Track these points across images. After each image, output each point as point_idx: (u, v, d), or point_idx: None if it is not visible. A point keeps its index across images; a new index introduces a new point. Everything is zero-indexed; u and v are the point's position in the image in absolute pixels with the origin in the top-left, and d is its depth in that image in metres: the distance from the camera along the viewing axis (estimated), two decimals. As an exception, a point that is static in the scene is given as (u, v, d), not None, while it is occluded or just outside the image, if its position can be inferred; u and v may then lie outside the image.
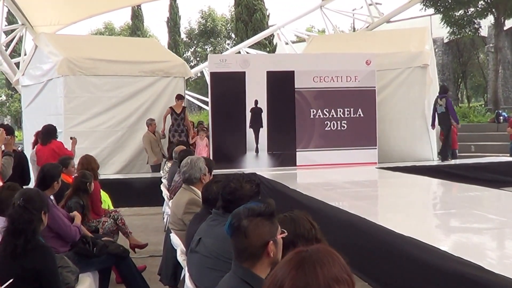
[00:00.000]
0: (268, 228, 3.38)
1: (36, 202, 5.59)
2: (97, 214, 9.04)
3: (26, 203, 5.40)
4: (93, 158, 9.92)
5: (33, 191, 6.10)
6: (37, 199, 5.67)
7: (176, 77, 19.11)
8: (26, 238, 5.12)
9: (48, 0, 23.47)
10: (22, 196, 5.52)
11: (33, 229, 5.24)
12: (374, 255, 7.41)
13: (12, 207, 5.43)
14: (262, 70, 17.67)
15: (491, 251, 6.30)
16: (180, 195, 6.88)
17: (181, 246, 5.49)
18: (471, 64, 55.32)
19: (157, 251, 9.34)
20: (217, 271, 4.26)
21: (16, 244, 5.08)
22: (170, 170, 11.51)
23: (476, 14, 35.84)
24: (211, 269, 4.37)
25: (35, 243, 5.20)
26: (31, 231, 5.20)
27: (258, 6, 45.55)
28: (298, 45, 34.93)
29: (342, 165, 17.40)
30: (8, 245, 5.10)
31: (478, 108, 36.64)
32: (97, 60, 18.09)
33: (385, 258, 7.08)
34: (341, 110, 18.01)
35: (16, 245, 5.08)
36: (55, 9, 24.02)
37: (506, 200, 10.75)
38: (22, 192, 5.77)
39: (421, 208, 10.34)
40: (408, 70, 18.89)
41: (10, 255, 5.06)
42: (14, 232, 5.14)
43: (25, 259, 5.08)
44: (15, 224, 5.16)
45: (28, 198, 5.51)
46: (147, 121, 17.69)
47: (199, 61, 59.75)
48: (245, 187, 4.72)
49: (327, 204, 9.86)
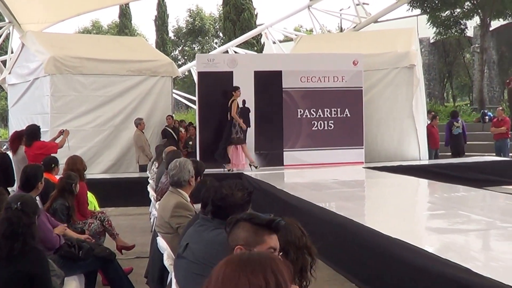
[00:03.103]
0: (244, 235, 3.32)
1: (32, 206, 5.59)
2: (83, 216, 8.97)
3: (24, 207, 5.39)
4: (79, 159, 9.84)
5: (27, 195, 6.10)
6: (32, 203, 5.68)
7: (163, 76, 19.11)
8: (25, 241, 5.11)
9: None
10: (18, 200, 5.50)
11: (31, 233, 5.23)
12: (362, 256, 7.44)
13: (7, 211, 5.39)
14: (250, 70, 17.67)
15: (478, 253, 6.34)
16: (167, 198, 6.84)
17: (167, 250, 5.47)
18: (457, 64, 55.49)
19: (143, 252, 9.30)
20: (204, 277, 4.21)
21: (13, 247, 5.06)
22: (158, 171, 11.47)
23: (462, 15, 36.04)
24: (198, 275, 4.33)
25: (31, 246, 5.19)
26: (30, 234, 5.20)
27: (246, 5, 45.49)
28: (285, 45, 34.96)
29: (329, 165, 17.44)
30: (3, 248, 5.08)
31: (464, 107, 36.76)
32: (84, 59, 18.06)
33: (373, 260, 7.10)
34: (328, 110, 18.04)
35: (13, 247, 5.06)
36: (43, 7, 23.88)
37: (492, 200, 10.85)
38: (18, 196, 5.78)
39: (408, 209, 10.39)
40: (395, 70, 18.96)
41: (6, 257, 5.05)
42: (12, 235, 5.12)
43: (20, 262, 5.06)
44: (14, 227, 5.15)
45: (25, 202, 5.49)
46: (135, 121, 17.65)
47: (187, 59, 59.70)
48: (236, 194, 4.68)
49: (314, 205, 9.88)
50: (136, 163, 17.78)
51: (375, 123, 18.91)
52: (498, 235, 7.24)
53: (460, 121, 21.99)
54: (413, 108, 18.86)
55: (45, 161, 9.93)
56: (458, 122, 21.59)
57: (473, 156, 21.51)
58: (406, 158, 18.80)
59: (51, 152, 11.86)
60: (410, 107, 18.87)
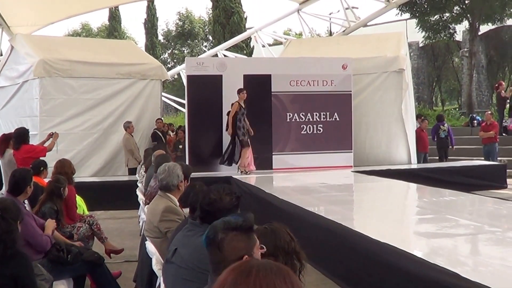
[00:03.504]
0: (244, 243, 3.32)
1: (13, 211, 5.53)
2: (71, 220, 8.95)
3: (4, 213, 5.34)
4: (68, 162, 9.80)
5: (8, 200, 6.05)
6: (14, 208, 5.62)
7: (153, 80, 19.13)
8: (6, 246, 5.08)
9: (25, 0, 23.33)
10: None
11: (12, 238, 5.20)
12: (350, 261, 7.44)
13: None
14: (239, 74, 17.67)
15: (467, 257, 6.35)
16: (156, 202, 6.82)
17: (156, 254, 5.46)
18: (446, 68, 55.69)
19: (132, 256, 9.31)
20: (193, 282, 4.23)
21: None
22: (147, 174, 11.45)
23: (451, 19, 36.12)
24: (186, 280, 4.33)
25: (14, 250, 5.16)
26: (11, 240, 5.17)
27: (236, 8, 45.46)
28: (275, 48, 34.99)
29: (318, 169, 17.45)
30: None
31: (453, 111, 36.87)
32: (74, 62, 18.05)
33: (361, 264, 7.10)
34: (317, 114, 18.07)
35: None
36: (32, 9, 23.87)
37: (480, 204, 10.86)
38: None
39: (397, 213, 10.40)
40: (384, 74, 19.02)
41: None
42: None
43: (4, 266, 5.04)
44: None
45: (5, 208, 5.44)
46: (124, 124, 17.65)
47: (176, 63, 59.66)
48: (224, 199, 4.68)
49: (303, 209, 9.88)
50: (125, 166, 17.78)
51: (364, 127, 18.97)
52: (486, 239, 7.25)
53: (446, 124, 22.50)
54: (402, 112, 18.90)
55: (33, 164, 9.92)
56: (444, 126, 22.08)
57: (462, 160, 21.58)
58: (395, 162, 18.84)
59: (39, 155, 11.83)
60: (399, 111, 18.93)
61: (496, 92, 26.51)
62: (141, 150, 17.24)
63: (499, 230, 7.77)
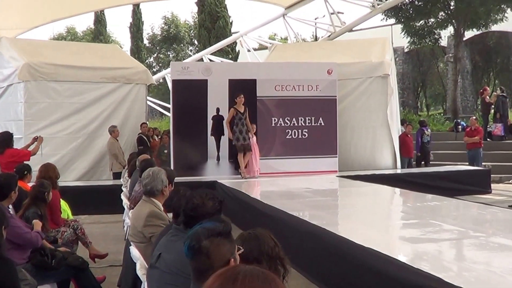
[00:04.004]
0: (228, 247, 3.36)
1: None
2: (56, 224, 8.93)
3: None
4: (52, 167, 9.78)
5: None
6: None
7: (138, 84, 19.11)
8: None
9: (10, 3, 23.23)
10: None
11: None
12: (335, 265, 7.45)
13: None
14: (224, 78, 17.72)
15: (451, 262, 6.36)
16: (140, 207, 6.80)
17: (140, 259, 5.45)
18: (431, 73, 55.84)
19: (117, 260, 9.26)
20: (177, 287, 4.23)
21: None
22: (131, 179, 11.42)
23: (436, 25, 36.29)
24: (170, 285, 4.32)
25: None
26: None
27: (222, 13, 45.46)
28: (260, 53, 34.95)
29: (303, 173, 17.47)
30: None
31: (437, 117, 36.97)
32: (59, 66, 18.01)
33: (346, 269, 7.11)
34: (302, 119, 18.10)
35: None
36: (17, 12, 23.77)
37: (465, 209, 10.91)
38: None
39: (381, 218, 10.41)
40: (369, 79, 19.08)
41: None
42: None
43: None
44: None
45: None
46: (109, 128, 17.63)
47: (162, 67, 59.56)
48: (207, 204, 4.68)
49: (288, 213, 9.88)
50: (109, 170, 17.74)
51: (349, 132, 19.02)
52: (470, 244, 7.26)
53: (429, 129, 23.23)
54: (387, 117, 18.95)
55: (17, 168, 9.87)
56: (428, 131, 22.86)
57: (446, 165, 21.66)
58: (380, 167, 18.89)
59: (23, 159, 11.83)
60: (384, 116, 18.99)
61: (481, 97, 26.61)
62: (126, 154, 17.15)
63: (483, 235, 7.78)
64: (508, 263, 5.96)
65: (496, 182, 20.33)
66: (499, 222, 9.45)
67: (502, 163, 21.67)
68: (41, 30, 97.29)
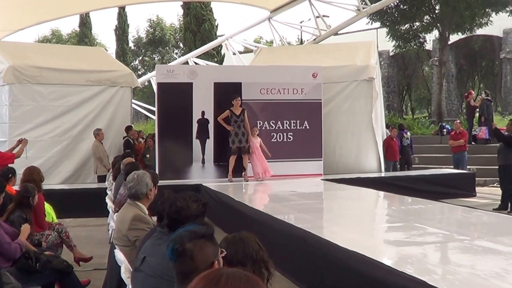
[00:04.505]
0: (212, 249, 3.37)
1: None
2: (40, 227, 8.90)
3: None
4: (36, 170, 9.76)
5: None
6: None
7: (123, 87, 19.05)
8: None
9: (-6, 6, 23.20)
10: None
11: None
12: (320, 269, 7.45)
13: None
14: (210, 81, 17.68)
15: (435, 266, 6.37)
16: (125, 211, 6.78)
17: (125, 262, 5.44)
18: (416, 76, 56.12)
19: (101, 264, 9.23)
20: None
21: None
22: (116, 182, 11.38)
23: (421, 29, 36.45)
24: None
25: None
26: None
27: (207, 16, 45.52)
28: (246, 56, 35.04)
29: (288, 177, 17.43)
30: None
31: (422, 120, 37.08)
32: (44, 69, 17.96)
33: (330, 272, 7.11)
34: (287, 122, 18.08)
35: None
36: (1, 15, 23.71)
37: (449, 213, 10.93)
38: None
39: (366, 221, 10.42)
40: (354, 83, 19.08)
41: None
42: None
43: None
44: None
45: None
46: (94, 131, 17.62)
47: (147, 70, 59.58)
48: (191, 206, 4.68)
49: (273, 217, 9.88)
50: (94, 173, 17.70)
51: (334, 135, 19.01)
52: (455, 247, 7.28)
53: (408, 133, 23.68)
54: (372, 121, 18.98)
55: (2, 172, 9.84)
56: (407, 134, 23.19)
57: (431, 168, 21.72)
58: (364, 170, 18.89)
59: (7, 162, 11.79)
60: (369, 119, 19.00)
61: (466, 101, 26.74)
62: (111, 157, 17.06)
63: (468, 239, 7.80)
64: (492, 266, 5.96)
65: (480, 186, 20.41)
66: (483, 225, 9.49)
67: (487, 167, 21.70)
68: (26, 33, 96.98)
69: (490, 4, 32.53)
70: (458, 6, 31.69)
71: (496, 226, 9.10)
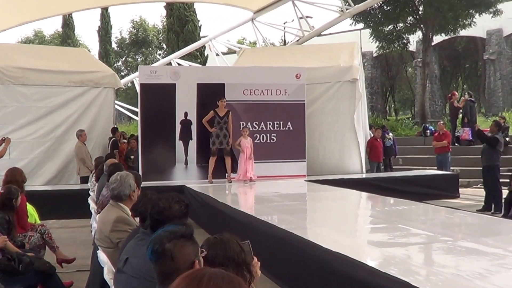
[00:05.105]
0: (192, 248, 3.37)
1: None
2: (23, 228, 8.87)
3: None
4: (19, 171, 9.73)
5: None
6: None
7: (106, 88, 19.01)
8: None
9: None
10: None
11: None
12: (303, 270, 7.43)
13: None
14: (193, 82, 17.63)
15: (419, 267, 6.36)
16: (107, 212, 6.74)
17: (108, 264, 5.41)
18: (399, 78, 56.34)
19: (84, 265, 9.21)
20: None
21: None
22: (99, 183, 11.33)
23: (405, 30, 36.61)
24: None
25: None
26: None
27: (190, 17, 45.54)
28: (229, 57, 35.01)
29: (271, 178, 17.42)
30: None
31: (406, 121, 37.21)
32: (26, 70, 17.91)
33: (314, 274, 7.09)
34: (270, 123, 18.07)
35: None
36: (-16, 16, 23.64)
37: (433, 214, 10.93)
38: None
39: (350, 222, 10.41)
40: (337, 84, 19.12)
41: None
42: None
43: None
44: None
45: None
46: (77, 132, 17.55)
47: (130, 71, 59.57)
48: (174, 207, 4.68)
49: (256, 218, 9.86)
50: (76, 174, 17.63)
51: (318, 136, 19.04)
52: (438, 248, 7.27)
53: (390, 134, 24.01)
54: (355, 122, 19.01)
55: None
56: (389, 135, 23.45)
57: (415, 169, 21.78)
58: (348, 171, 18.92)
59: (-10, 162, 11.72)
60: (352, 120, 19.05)
61: (449, 102, 26.79)
62: (94, 158, 17.06)
63: (451, 240, 7.81)
64: (476, 267, 5.96)
65: (464, 187, 20.51)
66: (467, 226, 9.50)
67: (470, 168, 21.80)
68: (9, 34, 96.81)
69: (474, 6, 32.71)
70: (441, 7, 31.85)
71: (480, 227, 9.10)
